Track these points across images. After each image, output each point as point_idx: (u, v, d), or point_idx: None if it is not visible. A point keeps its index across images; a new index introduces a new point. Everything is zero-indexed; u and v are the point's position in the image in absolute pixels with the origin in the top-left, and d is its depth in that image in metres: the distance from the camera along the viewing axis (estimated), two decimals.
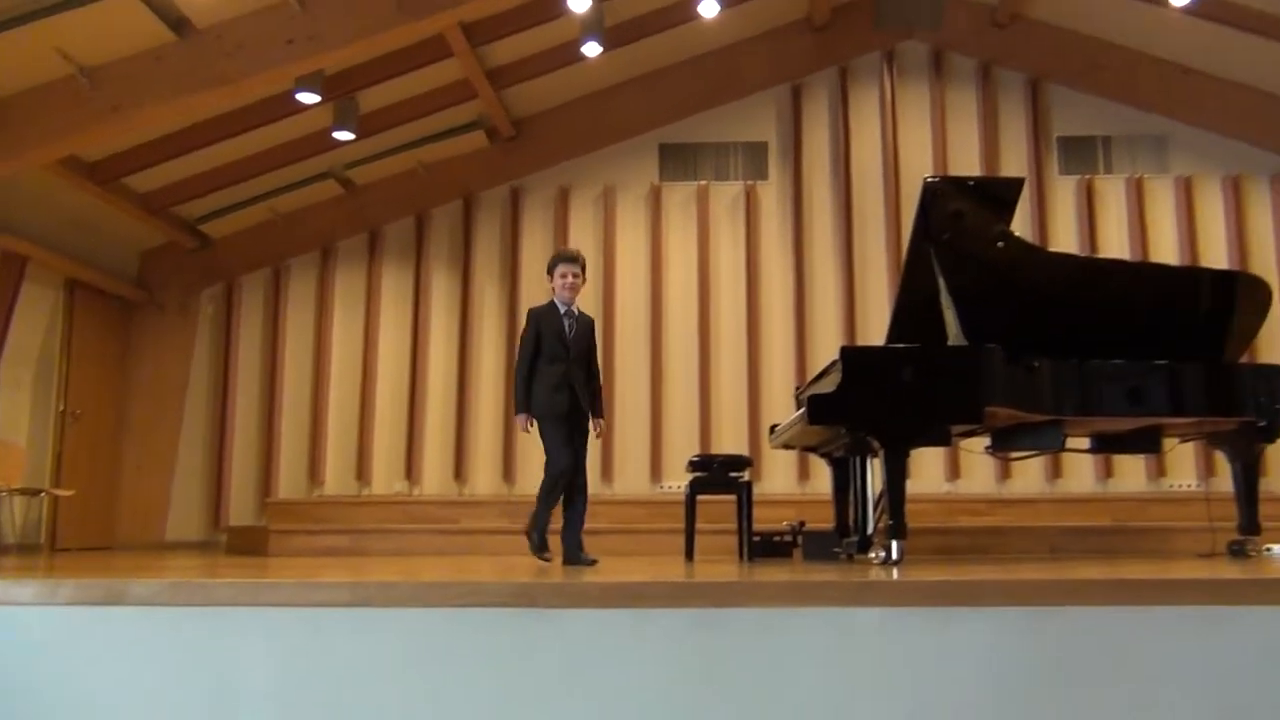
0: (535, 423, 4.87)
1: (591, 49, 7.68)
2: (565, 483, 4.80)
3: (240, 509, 8.63)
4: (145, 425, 8.71)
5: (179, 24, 6.44)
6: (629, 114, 8.93)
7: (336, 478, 8.64)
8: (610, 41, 7.77)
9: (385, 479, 8.63)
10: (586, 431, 4.95)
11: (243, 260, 8.97)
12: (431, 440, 8.65)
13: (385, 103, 7.92)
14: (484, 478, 8.58)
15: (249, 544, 7.46)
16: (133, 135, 7.30)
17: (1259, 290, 5.60)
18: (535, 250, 8.87)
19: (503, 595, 2.97)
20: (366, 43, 6.76)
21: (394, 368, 8.77)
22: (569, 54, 7.94)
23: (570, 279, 5.01)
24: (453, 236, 8.96)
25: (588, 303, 8.68)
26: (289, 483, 8.61)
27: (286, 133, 7.90)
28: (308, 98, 7.25)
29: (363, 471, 8.60)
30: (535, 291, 8.79)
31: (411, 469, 8.58)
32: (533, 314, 5.05)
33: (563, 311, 5.01)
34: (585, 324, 5.09)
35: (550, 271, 5.10)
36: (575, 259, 5.09)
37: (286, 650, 2.94)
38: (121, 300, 8.72)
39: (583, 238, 8.86)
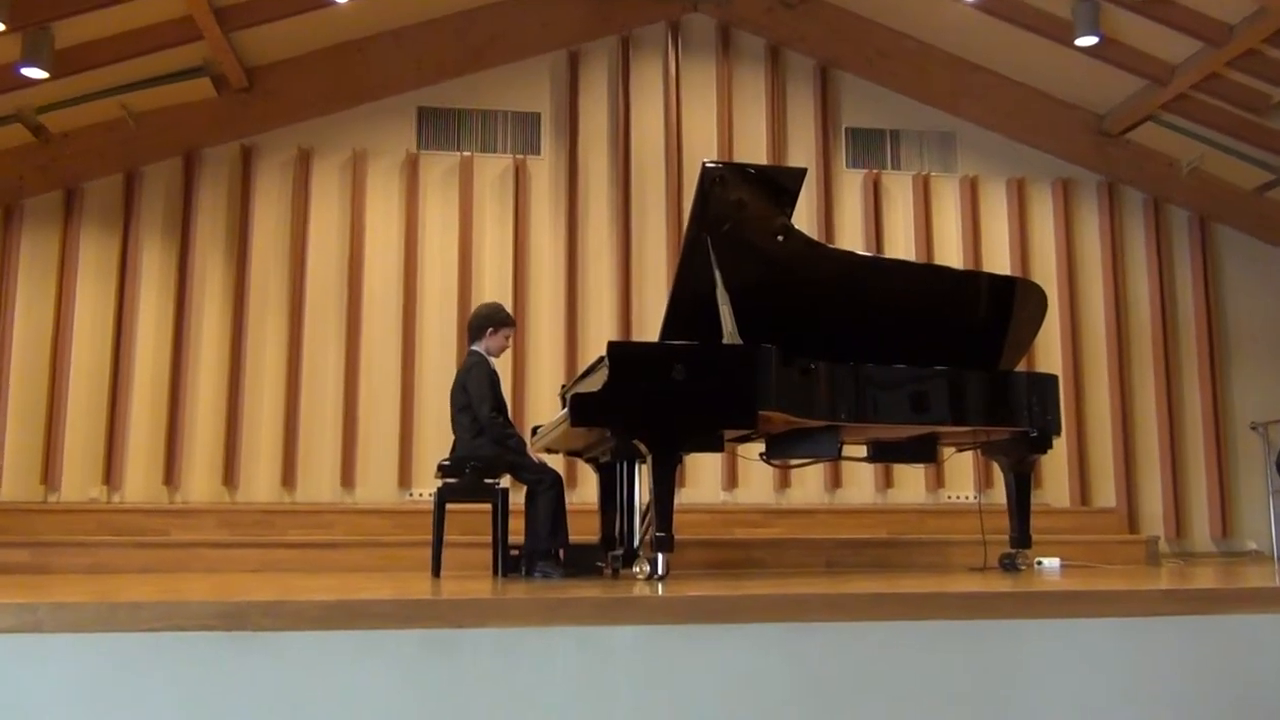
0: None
1: None
2: None
3: None
4: None
5: None
6: (384, 71, 8.73)
7: (15, 482, 8.00)
8: None
9: (78, 484, 8.07)
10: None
11: None
12: (136, 440, 8.17)
13: (89, 37, 7.42)
14: (200, 483, 8.18)
15: None
16: None
17: (1036, 297, 6.09)
18: (269, 218, 8.55)
19: (207, 617, 2.85)
20: None
21: (92, 352, 8.22)
22: None
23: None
24: (170, 199, 8.50)
25: (330, 288, 8.51)
26: None
27: None
28: None
29: (49, 475, 8.02)
30: (269, 266, 8.49)
31: (111, 473, 8.07)
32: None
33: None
34: None
35: (501, 326, 5.88)
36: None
37: None
38: None
39: (327, 208, 8.62)
